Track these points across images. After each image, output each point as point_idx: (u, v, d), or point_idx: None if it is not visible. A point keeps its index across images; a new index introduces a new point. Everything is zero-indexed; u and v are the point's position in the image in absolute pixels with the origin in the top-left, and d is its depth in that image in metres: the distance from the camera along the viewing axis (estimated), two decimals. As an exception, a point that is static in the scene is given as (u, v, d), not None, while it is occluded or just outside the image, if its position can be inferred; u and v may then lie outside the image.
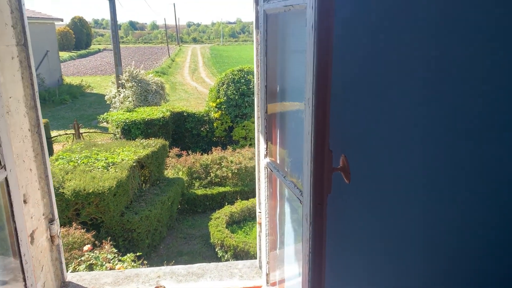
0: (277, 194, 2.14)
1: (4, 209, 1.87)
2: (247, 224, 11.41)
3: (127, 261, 7.93)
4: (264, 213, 2.11)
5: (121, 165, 9.79)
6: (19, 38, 2.24)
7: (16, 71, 2.21)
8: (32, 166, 2.32)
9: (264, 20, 2.00)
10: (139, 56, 61.86)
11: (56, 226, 2.42)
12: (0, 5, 2.02)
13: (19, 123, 2.23)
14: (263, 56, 1.99)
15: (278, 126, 2.08)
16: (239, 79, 16.41)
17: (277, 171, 1.92)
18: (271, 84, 2.00)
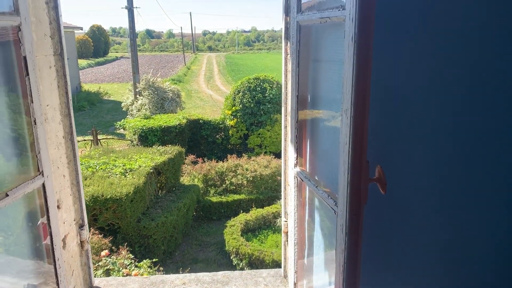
0: (306, 203, 2.13)
1: (40, 214, 1.92)
2: (262, 232, 11.36)
3: (144, 267, 7.98)
4: (292, 222, 2.10)
5: (138, 172, 9.90)
6: (56, 48, 2.32)
7: (53, 80, 2.29)
8: (65, 172, 2.38)
9: (297, 31, 2.01)
10: (156, 64, 62.78)
11: (86, 232, 2.47)
12: (40, 16, 2.11)
13: (55, 130, 2.30)
14: (295, 67, 2.00)
15: (309, 135, 2.08)
16: (255, 87, 16.48)
17: (308, 180, 1.92)
18: (302, 94, 2.01)
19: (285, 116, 2.51)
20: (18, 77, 1.86)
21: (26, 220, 1.96)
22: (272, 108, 16.38)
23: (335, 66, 1.71)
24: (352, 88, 1.32)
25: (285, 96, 2.47)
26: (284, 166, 2.59)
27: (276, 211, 11.60)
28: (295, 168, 2.09)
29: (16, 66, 1.85)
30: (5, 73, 1.81)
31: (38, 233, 2.00)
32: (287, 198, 2.55)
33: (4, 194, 1.73)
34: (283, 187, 2.64)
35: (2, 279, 1.76)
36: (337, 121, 1.62)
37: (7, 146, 1.89)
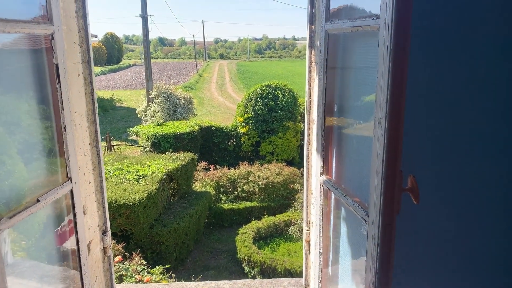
0: (332, 212, 2.11)
1: (64, 219, 1.95)
2: (274, 240, 11.29)
3: (156, 273, 7.98)
4: (318, 231, 2.08)
5: (151, 178, 9.96)
6: (84, 56, 2.36)
7: (81, 87, 2.33)
8: (91, 178, 2.42)
9: (325, 39, 2.01)
10: (168, 71, 63.46)
11: (108, 238, 2.49)
12: (70, 24, 2.16)
13: (82, 137, 2.34)
14: (323, 75, 2.00)
15: (335, 144, 2.06)
16: (267, 94, 16.52)
17: (335, 189, 1.90)
18: (328, 102, 2.01)
19: (308, 124, 2.50)
20: (49, 84, 1.90)
21: (52, 226, 1.98)
22: (284, 116, 16.38)
23: (365, 74, 1.70)
24: (387, 97, 1.32)
25: (309, 104, 2.47)
26: (306, 175, 2.57)
27: (288, 219, 11.54)
28: (321, 176, 2.07)
29: (47, 73, 1.89)
30: (36, 80, 1.84)
31: (60, 237, 2.01)
32: (310, 206, 2.53)
33: (35, 199, 1.76)
34: (305, 196, 2.62)
35: (27, 284, 1.78)
36: (366, 130, 1.61)
37: (37, 152, 1.92)
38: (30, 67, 1.77)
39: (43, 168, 1.95)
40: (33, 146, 1.86)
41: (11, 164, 1.58)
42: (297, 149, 17.12)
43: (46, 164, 1.93)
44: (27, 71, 1.76)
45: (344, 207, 1.94)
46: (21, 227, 1.65)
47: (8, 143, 1.63)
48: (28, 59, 1.77)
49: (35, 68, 1.81)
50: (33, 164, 1.85)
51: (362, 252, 1.65)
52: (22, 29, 1.60)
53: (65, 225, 1.96)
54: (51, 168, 1.96)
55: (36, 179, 1.85)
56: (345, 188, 1.88)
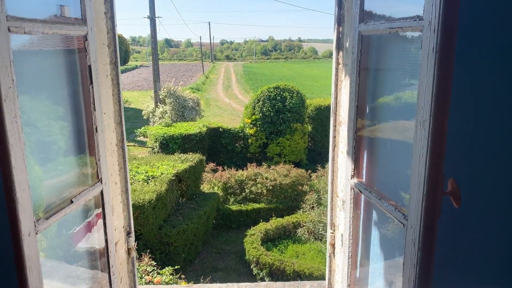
0: (362, 215, 2.09)
1: (88, 218, 1.96)
2: (282, 242, 11.26)
3: (166, 274, 7.99)
4: (348, 234, 2.05)
5: (160, 179, 9.98)
6: (112, 57, 2.38)
7: (109, 88, 2.35)
8: (117, 179, 2.44)
9: (358, 41, 2.00)
10: (174, 72, 63.66)
11: (132, 239, 2.49)
12: (100, 26, 2.17)
13: (109, 138, 2.35)
14: (355, 76, 1.98)
15: (367, 146, 2.04)
16: (275, 96, 16.50)
17: (368, 192, 1.88)
18: (360, 104, 1.99)
19: (334, 126, 2.48)
20: (81, 85, 1.91)
21: (78, 226, 1.99)
22: (292, 117, 16.35)
23: (401, 75, 1.69)
24: (432, 99, 1.30)
25: (335, 106, 2.45)
26: (331, 177, 2.55)
27: (296, 221, 11.50)
28: (352, 179, 2.04)
29: (79, 74, 1.90)
30: (68, 81, 1.85)
31: (85, 238, 2.02)
32: (335, 209, 2.51)
33: (69, 200, 1.77)
34: (329, 198, 2.60)
35: (50, 284, 1.79)
36: (403, 132, 1.59)
37: (69, 153, 1.93)
38: (63, 68, 1.78)
39: (75, 169, 1.97)
40: (65, 148, 1.86)
41: (47, 165, 1.59)
42: (304, 151, 17.07)
43: (78, 165, 1.94)
44: (60, 73, 1.77)
45: (377, 210, 1.92)
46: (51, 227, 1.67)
47: (44, 145, 1.64)
48: (61, 60, 1.78)
49: (67, 70, 1.82)
50: (66, 165, 1.85)
51: (396, 256, 1.63)
52: (59, 30, 1.61)
53: (91, 224, 1.96)
54: (82, 169, 1.97)
55: (68, 180, 1.86)
56: (378, 191, 1.86)
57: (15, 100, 1.33)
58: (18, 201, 1.35)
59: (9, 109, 1.30)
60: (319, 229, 10.71)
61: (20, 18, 1.42)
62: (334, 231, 2.54)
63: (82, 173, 2.01)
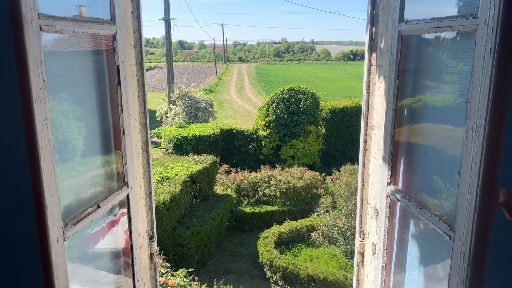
0: (397, 224, 1.99)
1: (114, 223, 1.91)
2: (295, 245, 11.17)
3: (180, 276, 7.96)
4: (382, 243, 1.96)
5: (174, 180, 9.98)
6: (138, 57, 2.34)
7: (135, 90, 2.31)
8: (141, 183, 2.40)
9: (398, 41, 1.90)
10: (188, 74, 64.07)
11: (155, 243, 2.43)
12: (127, 25, 2.12)
13: (135, 140, 2.29)
14: (394, 78, 1.90)
15: (406, 151, 1.95)
16: (289, 98, 16.41)
17: (407, 201, 1.78)
18: (399, 107, 1.90)
19: (365, 130, 2.38)
20: (108, 86, 1.86)
21: (102, 230, 1.94)
22: (306, 119, 16.22)
23: (446, 77, 1.60)
24: (488, 103, 1.21)
25: (367, 109, 2.35)
26: (361, 183, 2.46)
27: (310, 224, 11.39)
28: (388, 186, 1.95)
29: (106, 75, 1.85)
30: (96, 82, 1.81)
31: (109, 241, 1.98)
32: (365, 216, 2.42)
33: (96, 205, 1.72)
34: (359, 205, 2.51)
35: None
36: (448, 137, 1.51)
37: (96, 156, 1.89)
38: (91, 69, 1.73)
39: (101, 172, 1.92)
40: (92, 150, 1.83)
41: (73, 168, 1.54)
42: (318, 153, 16.92)
43: (104, 168, 1.91)
44: (88, 74, 1.72)
45: (416, 220, 1.82)
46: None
47: (69, 148, 1.59)
48: (89, 61, 1.74)
49: (95, 71, 1.78)
50: (92, 168, 1.80)
51: (438, 269, 1.54)
52: (89, 29, 1.57)
53: (116, 228, 1.91)
54: (109, 173, 1.94)
55: (95, 184, 1.82)
56: (419, 199, 1.76)
57: (46, 102, 1.28)
58: (47, 206, 1.31)
59: (39, 110, 1.26)
60: (334, 233, 10.58)
61: (51, 16, 1.38)
62: (364, 239, 2.45)
63: (108, 177, 1.96)
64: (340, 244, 10.47)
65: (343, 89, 46.09)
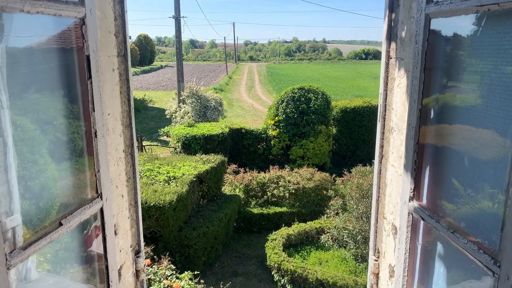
0: (419, 247, 1.70)
1: (89, 241, 1.64)
2: (304, 248, 10.91)
3: (185, 279, 7.79)
4: (402, 269, 1.68)
5: (182, 180, 9.81)
6: (120, 48, 2.05)
7: (115, 85, 2.02)
8: (124, 192, 2.11)
9: (425, 27, 1.58)
10: (198, 73, 64.24)
11: (142, 259, 2.15)
12: (105, 10, 1.86)
13: (115, 143, 2.00)
14: (420, 72, 1.57)
15: (434, 160, 1.65)
16: (299, 97, 16.11)
17: (435, 221, 1.48)
18: (425, 107, 1.61)
19: (382, 133, 2.09)
20: (78, 80, 1.60)
21: (75, 249, 1.67)
22: (316, 119, 15.91)
23: (492, 70, 1.30)
24: None
25: (384, 109, 2.05)
26: (376, 194, 2.18)
27: (319, 227, 11.12)
28: (411, 202, 1.67)
29: (76, 67, 1.59)
30: (61, 76, 1.54)
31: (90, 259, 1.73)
32: (380, 233, 2.14)
33: (57, 223, 1.44)
34: (373, 219, 2.23)
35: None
36: (493, 146, 1.22)
37: (60, 163, 1.61)
38: (55, 62, 1.47)
39: (67, 182, 1.64)
40: (55, 157, 1.57)
41: (28, 178, 1.29)
42: (328, 154, 16.61)
43: (71, 177, 1.65)
44: (53, 67, 1.47)
45: (446, 245, 1.52)
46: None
47: (31, 153, 1.34)
48: (53, 50, 1.48)
49: (60, 62, 1.51)
50: (55, 178, 1.54)
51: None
52: (45, 8, 1.32)
53: (89, 244, 1.66)
54: (77, 183, 1.67)
55: (58, 197, 1.56)
56: (450, 221, 1.46)
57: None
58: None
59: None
60: (344, 236, 10.30)
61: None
62: (379, 258, 2.17)
63: (77, 188, 1.68)
64: (350, 247, 10.20)
65: (355, 89, 45.56)
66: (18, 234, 1.19)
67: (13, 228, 1.15)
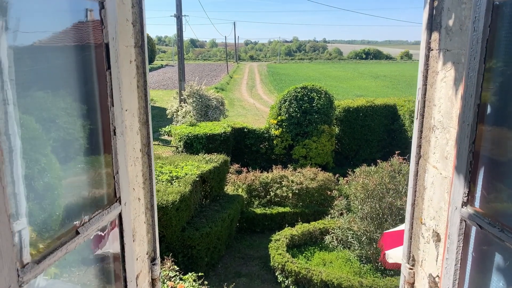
0: (470, 258, 1.56)
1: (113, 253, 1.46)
2: (308, 249, 10.80)
3: (189, 280, 7.68)
4: (451, 281, 1.54)
5: (184, 180, 9.69)
6: (137, 38, 1.87)
7: (133, 78, 1.85)
8: (141, 194, 1.95)
9: (487, 11, 1.40)
10: (199, 72, 64.19)
11: (158, 267, 2.00)
12: None
13: (132, 142, 1.83)
14: (478, 64, 1.42)
15: (492, 162, 1.49)
16: (302, 96, 15.98)
17: (499, 231, 1.34)
18: (483, 103, 1.48)
19: (420, 132, 1.93)
20: (95, 72, 1.45)
21: (88, 257, 1.51)
22: (319, 119, 15.78)
23: None
24: None
25: (423, 105, 1.89)
26: (412, 198, 2.03)
27: (323, 227, 11.01)
28: (464, 208, 1.53)
29: (93, 57, 1.43)
30: (77, 66, 1.37)
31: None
32: (416, 239, 1.98)
33: (74, 231, 1.28)
34: (408, 224, 2.08)
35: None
36: None
37: (75, 165, 1.45)
38: (70, 49, 1.30)
39: (83, 186, 1.48)
40: (68, 157, 1.41)
41: (41, 181, 1.13)
42: (331, 154, 16.49)
43: (87, 180, 1.49)
44: (67, 55, 1.30)
45: (508, 256, 1.38)
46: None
47: (41, 152, 1.19)
48: (69, 37, 1.33)
49: (77, 52, 1.35)
50: (68, 181, 1.39)
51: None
52: None
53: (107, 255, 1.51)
54: (93, 186, 1.51)
55: (73, 203, 1.39)
56: None
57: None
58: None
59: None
60: (348, 237, 10.18)
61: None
62: (414, 266, 2.03)
63: (93, 192, 1.51)
64: (355, 248, 10.09)
65: (356, 89, 45.45)
66: (30, 245, 1.04)
67: (24, 239, 1.00)
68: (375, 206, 9.58)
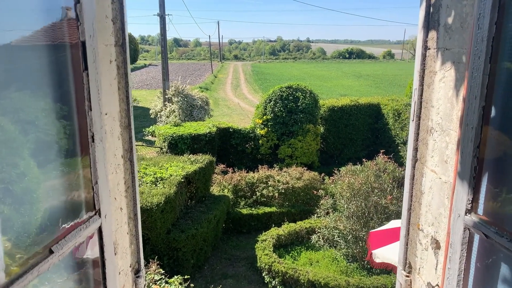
0: (473, 266, 1.51)
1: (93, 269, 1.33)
2: (295, 248, 10.78)
3: (175, 283, 7.54)
4: None
5: (169, 181, 9.52)
6: (118, 36, 1.74)
7: (113, 79, 1.71)
8: (123, 204, 1.80)
9: (493, 7, 1.31)
10: (183, 71, 63.66)
11: (142, 279, 1.87)
12: None
13: (113, 148, 1.69)
14: (484, 62, 1.36)
15: (497, 167, 1.44)
16: (287, 96, 15.96)
17: (508, 241, 1.28)
18: (487, 104, 1.41)
19: (416, 134, 1.85)
20: (71, 73, 1.32)
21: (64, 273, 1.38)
22: (304, 118, 15.79)
23: None
24: None
25: (419, 107, 1.82)
26: (408, 202, 1.96)
27: (309, 227, 11.01)
28: (468, 215, 1.47)
29: (68, 57, 1.32)
30: (52, 67, 1.27)
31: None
32: (413, 245, 1.92)
33: (47, 250, 1.15)
34: (404, 230, 2.02)
35: None
36: None
37: (48, 174, 1.31)
38: (42, 49, 1.17)
39: (58, 199, 1.33)
40: (41, 164, 1.27)
41: (12, 195, 1.01)
42: (316, 153, 16.54)
43: (62, 192, 1.34)
44: (41, 58, 1.17)
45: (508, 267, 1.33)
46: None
47: (11, 160, 1.06)
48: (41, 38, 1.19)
49: (51, 50, 1.22)
50: (42, 194, 1.25)
51: None
52: None
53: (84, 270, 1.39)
54: (69, 199, 1.36)
55: (47, 218, 1.25)
56: None
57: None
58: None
59: None
60: (334, 236, 10.20)
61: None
62: (411, 274, 1.96)
63: (69, 205, 1.36)
64: (341, 247, 10.12)
65: (340, 88, 45.83)
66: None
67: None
68: (360, 205, 9.62)
